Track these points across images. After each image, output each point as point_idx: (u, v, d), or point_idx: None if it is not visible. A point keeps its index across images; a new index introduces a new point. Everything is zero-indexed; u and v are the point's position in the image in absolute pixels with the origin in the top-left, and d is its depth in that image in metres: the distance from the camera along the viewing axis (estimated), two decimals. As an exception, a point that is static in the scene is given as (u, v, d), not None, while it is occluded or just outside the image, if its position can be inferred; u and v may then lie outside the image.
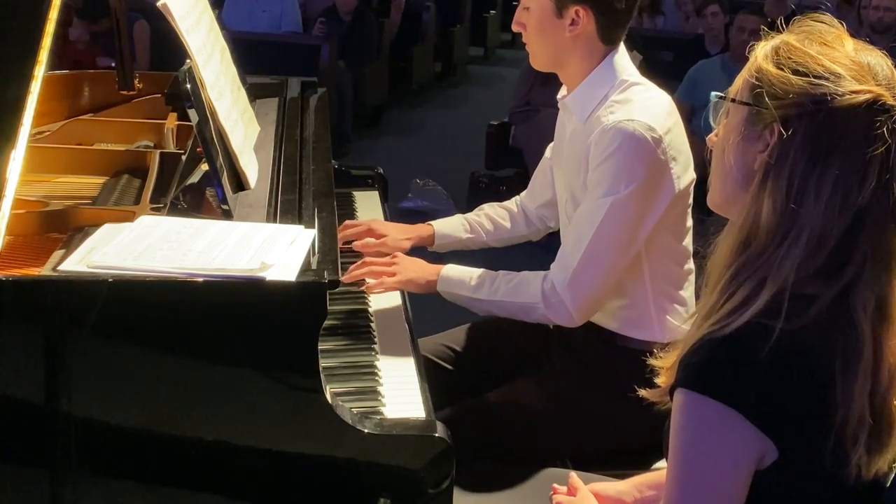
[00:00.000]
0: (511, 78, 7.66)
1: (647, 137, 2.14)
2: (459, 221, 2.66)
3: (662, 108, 2.22)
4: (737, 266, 1.41)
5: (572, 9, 2.22)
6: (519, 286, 2.28)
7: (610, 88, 2.24)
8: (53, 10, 1.84)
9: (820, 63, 1.38)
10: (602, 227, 2.16)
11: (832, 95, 1.36)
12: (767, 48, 1.44)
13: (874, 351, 1.37)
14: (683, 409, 1.39)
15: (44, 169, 2.39)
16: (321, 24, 7.78)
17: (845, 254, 1.37)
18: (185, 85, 1.91)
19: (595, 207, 2.18)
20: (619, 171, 2.14)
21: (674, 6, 8.57)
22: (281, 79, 2.99)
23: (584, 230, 2.19)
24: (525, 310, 2.28)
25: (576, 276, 2.19)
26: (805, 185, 1.37)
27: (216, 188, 1.95)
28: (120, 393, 1.67)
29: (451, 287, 2.33)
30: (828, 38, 1.42)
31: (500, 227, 2.66)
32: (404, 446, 1.74)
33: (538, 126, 5.91)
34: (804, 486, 1.40)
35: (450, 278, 2.34)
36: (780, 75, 1.39)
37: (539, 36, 2.27)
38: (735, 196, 1.46)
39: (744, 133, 1.43)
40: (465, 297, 2.33)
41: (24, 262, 1.88)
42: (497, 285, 2.30)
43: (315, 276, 1.70)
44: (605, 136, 2.16)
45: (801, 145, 1.37)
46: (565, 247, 2.27)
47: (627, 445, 2.26)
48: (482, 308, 2.34)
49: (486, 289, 2.30)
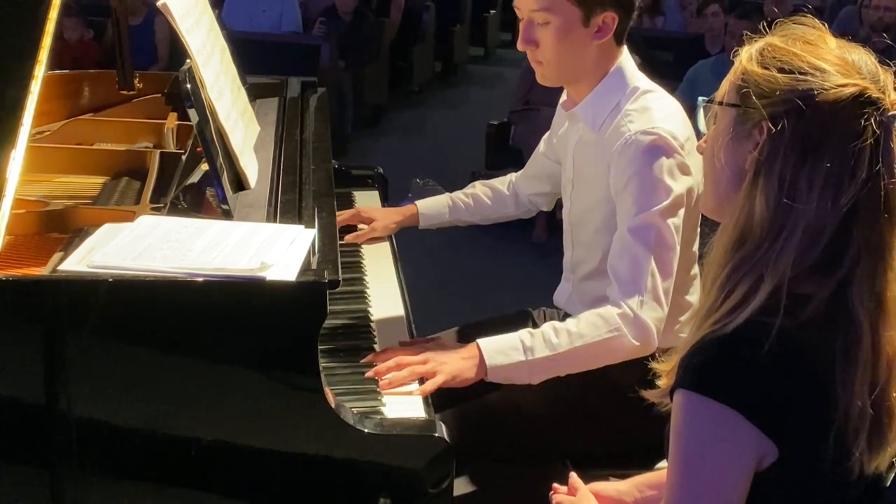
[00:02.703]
0: (511, 78, 7.66)
1: (673, 145, 2.12)
2: (445, 200, 2.70)
3: (678, 114, 2.21)
4: (733, 264, 1.42)
5: (600, 16, 2.17)
6: (589, 326, 2.08)
7: (622, 97, 2.22)
8: (53, 10, 1.85)
9: (804, 60, 1.40)
10: (658, 241, 2.11)
11: (818, 90, 1.37)
12: (752, 51, 1.46)
13: (872, 343, 1.37)
14: (684, 410, 1.39)
15: (44, 169, 2.39)
16: (321, 24, 7.77)
17: (840, 247, 1.38)
18: (185, 85, 1.91)
19: (642, 223, 2.10)
20: (654, 181, 2.11)
21: (674, 6, 8.57)
22: (281, 79, 2.99)
23: (638, 249, 2.11)
24: (606, 347, 2.08)
25: (649, 294, 2.09)
26: (797, 180, 1.38)
27: (216, 188, 1.95)
28: (120, 393, 1.67)
29: (504, 365, 2.06)
30: (811, 37, 1.44)
31: (485, 206, 2.70)
32: (404, 446, 1.74)
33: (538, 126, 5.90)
34: (804, 487, 1.40)
35: (498, 357, 2.06)
36: (765, 74, 1.41)
37: (559, 49, 2.19)
38: (727, 197, 1.47)
39: (733, 134, 1.44)
40: (523, 366, 2.06)
41: (24, 262, 1.88)
42: (560, 337, 2.07)
43: (315, 276, 1.70)
44: (630, 149, 2.13)
45: (790, 141, 1.38)
46: (620, 272, 2.12)
47: (628, 446, 2.26)
48: (547, 369, 2.08)
49: (544, 346, 2.06)
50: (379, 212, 2.71)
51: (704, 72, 6.05)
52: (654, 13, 8.26)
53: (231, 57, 2.45)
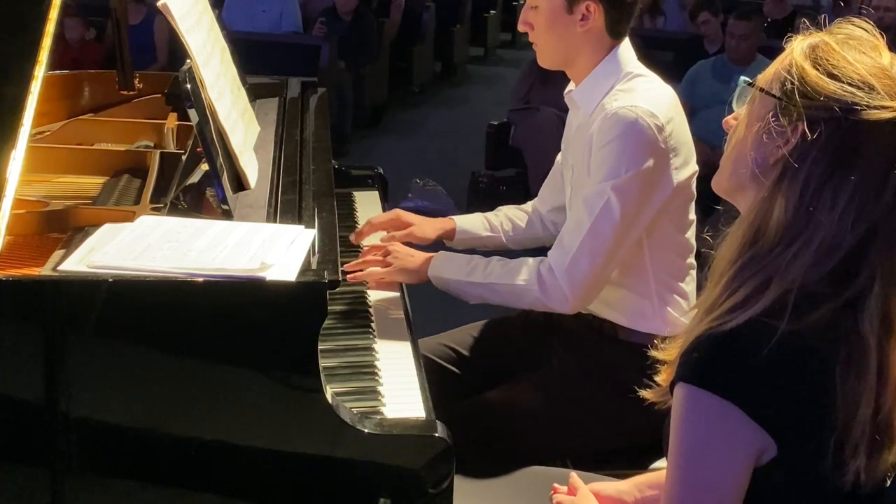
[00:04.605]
0: (511, 78, 7.66)
1: (649, 124, 2.15)
2: (480, 220, 2.66)
3: (666, 98, 2.24)
4: (742, 262, 1.41)
5: (583, 4, 2.24)
6: (513, 269, 2.27)
7: (616, 80, 2.26)
8: (53, 10, 1.84)
9: (857, 71, 1.37)
10: (602, 212, 2.16)
11: (863, 106, 1.35)
12: (805, 44, 1.42)
13: (878, 362, 1.37)
14: (683, 404, 1.39)
15: (44, 169, 2.39)
16: (321, 24, 7.77)
17: (853, 266, 1.36)
18: (185, 85, 1.91)
19: (595, 192, 2.18)
20: (619, 156, 2.15)
21: (674, 6, 8.57)
22: (281, 79, 2.99)
23: (583, 215, 2.20)
24: (519, 293, 2.26)
25: (575, 260, 2.19)
26: (822, 191, 1.36)
27: (216, 188, 1.95)
28: (120, 393, 1.67)
29: (443, 272, 2.32)
30: (866, 46, 1.41)
31: (518, 228, 2.66)
32: (404, 446, 1.74)
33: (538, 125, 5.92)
34: (803, 486, 1.40)
35: (441, 263, 2.33)
36: (814, 74, 1.38)
37: (549, 33, 2.28)
38: (743, 184, 1.46)
39: (767, 124, 1.41)
40: (455, 282, 2.31)
41: (24, 262, 1.88)
42: (490, 269, 2.29)
43: (315, 276, 1.71)
44: (607, 122, 2.17)
45: (822, 149, 1.36)
46: (564, 231, 2.26)
47: (628, 445, 2.27)
48: (474, 294, 2.32)
49: (479, 272, 2.29)
50: (417, 218, 2.63)
51: (705, 72, 6.05)
52: (655, 13, 8.27)
53: (231, 57, 2.45)
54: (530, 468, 2.18)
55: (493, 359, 2.51)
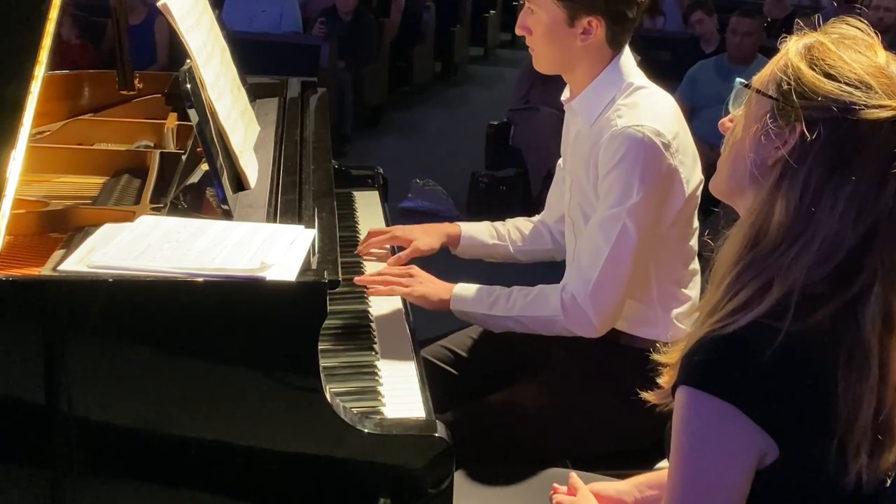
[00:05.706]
0: (511, 78, 7.66)
1: (656, 143, 2.13)
2: (487, 227, 2.65)
3: (669, 112, 2.22)
4: (743, 264, 1.41)
5: (585, 19, 2.20)
6: (537, 300, 2.26)
7: (617, 92, 2.23)
8: (53, 10, 1.85)
9: (854, 71, 1.36)
10: (620, 237, 2.15)
11: (861, 106, 1.34)
12: (800, 45, 1.41)
13: (880, 362, 1.36)
14: (685, 407, 1.39)
15: (44, 169, 2.39)
16: (321, 24, 7.77)
17: (854, 266, 1.36)
18: (185, 85, 1.91)
19: (610, 216, 2.16)
20: (630, 179, 2.14)
21: (674, 6, 8.57)
22: (281, 79, 2.99)
23: (600, 240, 2.18)
24: (545, 324, 2.25)
25: (597, 287, 2.18)
26: (822, 191, 1.35)
27: (216, 188, 1.95)
28: (120, 393, 1.67)
29: (465, 306, 2.31)
30: (861, 46, 1.41)
31: (526, 239, 2.64)
32: (404, 446, 1.74)
33: (538, 125, 5.92)
34: (805, 487, 1.40)
35: (463, 297, 2.32)
36: (811, 75, 1.37)
37: (548, 44, 2.25)
38: (741, 186, 1.45)
39: (765, 126, 1.40)
40: (479, 315, 2.30)
41: (24, 262, 1.88)
42: (513, 301, 2.27)
43: (315, 276, 1.71)
44: (614, 142, 2.15)
45: (821, 150, 1.36)
46: (581, 258, 2.23)
47: (629, 446, 2.26)
48: (499, 325, 2.31)
49: (501, 305, 2.28)
50: (417, 230, 2.60)
51: (707, 72, 6.05)
52: (654, 13, 8.27)
53: (231, 57, 2.44)
54: (530, 468, 2.18)
55: (493, 362, 2.51)
